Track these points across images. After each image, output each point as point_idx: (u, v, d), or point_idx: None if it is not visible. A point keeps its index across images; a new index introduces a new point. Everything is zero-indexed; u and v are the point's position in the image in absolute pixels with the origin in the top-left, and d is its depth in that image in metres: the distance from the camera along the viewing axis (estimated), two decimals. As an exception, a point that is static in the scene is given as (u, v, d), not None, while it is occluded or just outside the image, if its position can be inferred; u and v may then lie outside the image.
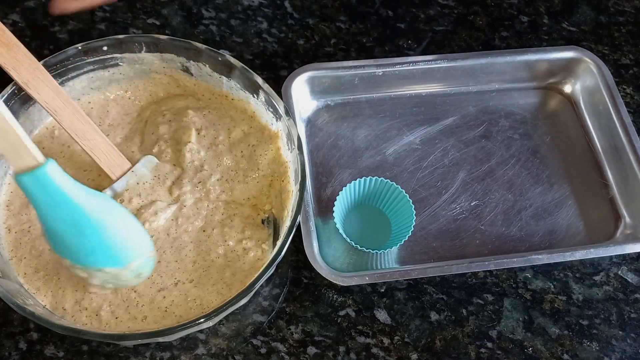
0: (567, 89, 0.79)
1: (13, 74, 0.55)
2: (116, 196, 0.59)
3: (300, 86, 0.73)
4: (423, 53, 0.79)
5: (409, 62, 0.75)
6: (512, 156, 0.74)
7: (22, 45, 0.56)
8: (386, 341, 0.63)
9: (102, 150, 0.59)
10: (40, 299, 0.56)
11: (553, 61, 0.78)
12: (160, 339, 0.58)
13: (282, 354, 0.61)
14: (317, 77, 0.74)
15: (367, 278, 0.63)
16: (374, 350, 0.62)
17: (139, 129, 0.65)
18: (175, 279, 0.57)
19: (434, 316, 0.64)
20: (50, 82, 0.57)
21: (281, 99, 0.62)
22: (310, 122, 0.75)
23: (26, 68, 0.55)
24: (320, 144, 0.73)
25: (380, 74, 0.74)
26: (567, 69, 0.78)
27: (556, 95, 0.79)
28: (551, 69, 0.78)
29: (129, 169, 0.60)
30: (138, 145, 0.64)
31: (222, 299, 0.56)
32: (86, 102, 0.66)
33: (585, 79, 0.78)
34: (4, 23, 0.56)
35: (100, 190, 0.58)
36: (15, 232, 0.59)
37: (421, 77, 0.76)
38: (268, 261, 0.54)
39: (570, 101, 0.79)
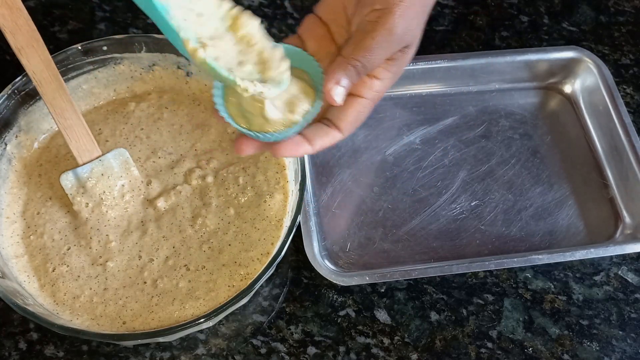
0: (567, 89, 0.79)
1: (9, 37, 0.55)
2: (78, 182, 0.59)
3: None
4: (423, 53, 0.79)
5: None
6: (512, 156, 0.74)
7: (25, 10, 0.55)
8: (386, 341, 0.63)
9: (76, 132, 0.58)
10: (41, 300, 0.56)
11: (553, 61, 0.78)
12: (160, 339, 0.58)
13: (282, 354, 0.61)
14: None
15: (367, 278, 0.63)
16: (374, 350, 0.62)
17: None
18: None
19: (434, 316, 0.64)
20: (43, 53, 0.56)
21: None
22: None
23: (23, 34, 0.55)
24: (321, 144, 0.73)
25: None
26: (567, 69, 0.78)
27: (556, 95, 0.79)
28: (551, 69, 0.78)
29: (97, 157, 0.60)
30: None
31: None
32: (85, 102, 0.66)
33: (585, 79, 0.78)
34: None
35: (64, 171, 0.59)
36: (17, 234, 0.60)
37: (421, 77, 0.76)
38: (268, 261, 0.55)
39: (570, 101, 0.79)
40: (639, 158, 0.70)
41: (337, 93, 0.45)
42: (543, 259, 0.64)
